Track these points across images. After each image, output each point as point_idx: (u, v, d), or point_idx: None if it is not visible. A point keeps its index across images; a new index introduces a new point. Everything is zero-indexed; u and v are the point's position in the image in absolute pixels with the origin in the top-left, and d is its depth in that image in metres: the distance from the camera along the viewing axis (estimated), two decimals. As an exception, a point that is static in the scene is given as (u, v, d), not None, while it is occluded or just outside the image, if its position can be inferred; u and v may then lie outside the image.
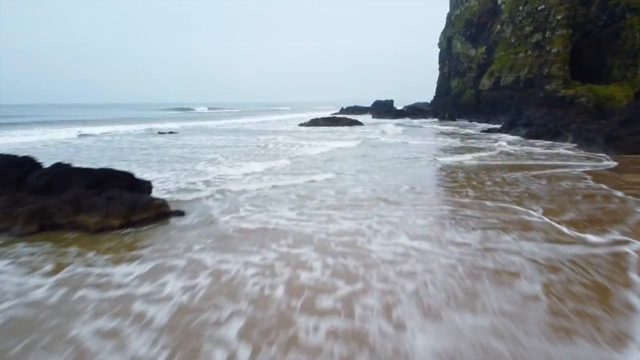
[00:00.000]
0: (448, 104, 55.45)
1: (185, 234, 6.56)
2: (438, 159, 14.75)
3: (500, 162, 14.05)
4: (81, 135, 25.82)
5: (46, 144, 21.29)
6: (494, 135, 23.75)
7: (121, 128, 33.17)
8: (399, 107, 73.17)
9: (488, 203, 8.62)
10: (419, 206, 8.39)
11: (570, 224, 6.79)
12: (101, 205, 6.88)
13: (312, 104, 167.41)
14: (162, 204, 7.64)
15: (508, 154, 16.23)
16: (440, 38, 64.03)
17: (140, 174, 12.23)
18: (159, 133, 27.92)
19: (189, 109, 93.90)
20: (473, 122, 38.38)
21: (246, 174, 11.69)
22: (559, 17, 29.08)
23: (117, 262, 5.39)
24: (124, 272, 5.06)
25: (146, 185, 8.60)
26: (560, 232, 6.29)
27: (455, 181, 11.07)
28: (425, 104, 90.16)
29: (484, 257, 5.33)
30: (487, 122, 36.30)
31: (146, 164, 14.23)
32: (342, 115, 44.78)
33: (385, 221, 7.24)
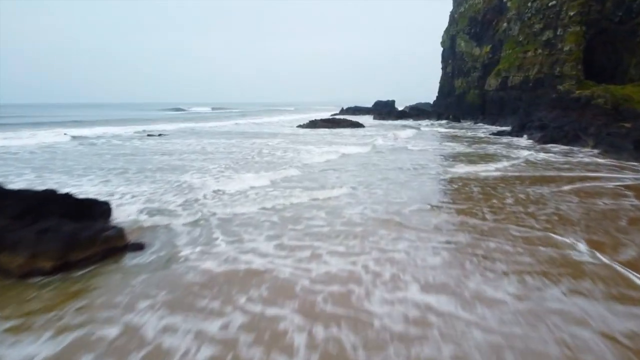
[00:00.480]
0: (451, 104, 53.91)
1: (132, 281, 5.03)
2: (448, 169, 13.18)
3: (517, 173, 12.47)
4: (73, 138, 24.34)
5: (24, 148, 19.78)
6: (504, 139, 22.18)
7: (112, 130, 31.74)
8: (400, 108, 71.65)
9: (513, 230, 7.10)
10: (428, 234, 6.87)
11: (634, 266, 5.25)
12: (29, 241, 5.36)
13: (313, 104, 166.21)
14: (116, 235, 6.10)
15: (526, 161, 14.66)
16: (443, 37, 62.46)
17: (113, 187, 10.72)
18: (148, 135, 26.46)
19: (181, 110, 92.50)
20: (479, 124, 36.83)
21: (229, 191, 10.12)
22: (572, 14, 27.49)
23: (21, 332, 3.87)
24: (23, 355, 3.54)
25: (103, 209, 7.07)
26: (630, 283, 4.74)
27: (470, 198, 9.52)
28: (427, 104, 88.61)
29: (536, 330, 3.79)
30: (493, 123, 34.75)
31: (124, 175, 12.71)
32: (342, 117, 43.25)
33: (386, 259, 5.74)
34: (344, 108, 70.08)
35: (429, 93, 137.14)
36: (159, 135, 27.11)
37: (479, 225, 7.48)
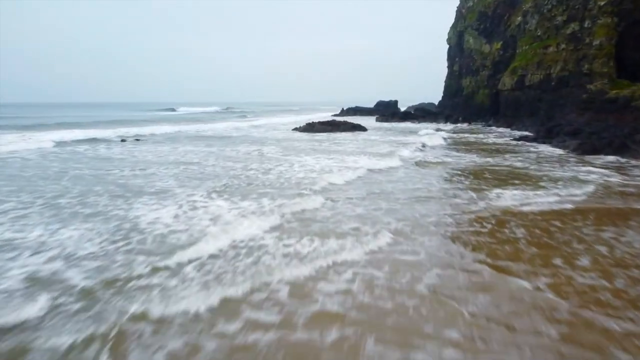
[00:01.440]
0: (459, 105, 50.88)
1: None
2: (480, 197, 10.00)
3: (572, 204, 9.27)
4: (58, 144, 21.44)
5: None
6: (531, 147, 19.01)
7: (91, 133, 28.86)
8: (402, 108, 68.56)
9: (611, 334, 4.13)
10: (459, 351, 3.84)
11: None
12: None
13: (318, 104, 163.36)
14: None
15: (576, 182, 11.50)
16: (449, 33, 59.35)
17: (23, 231, 7.30)
18: (122, 141, 23.46)
19: (174, 110, 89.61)
20: (492, 127, 33.62)
21: (182, 245, 7.06)
22: (602, 3, 24.31)
23: None
24: None
25: None
26: None
27: (516, 253, 6.39)
28: (430, 104, 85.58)
29: None
30: (509, 126, 31.61)
31: (57, 201, 9.67)
32: (342, 119, 40.18)
33: None
34: (344, 109, 67.04)
35: (429, 93, 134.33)
36: (136, 139, 24.14)
37: (542, 319, 4.45)
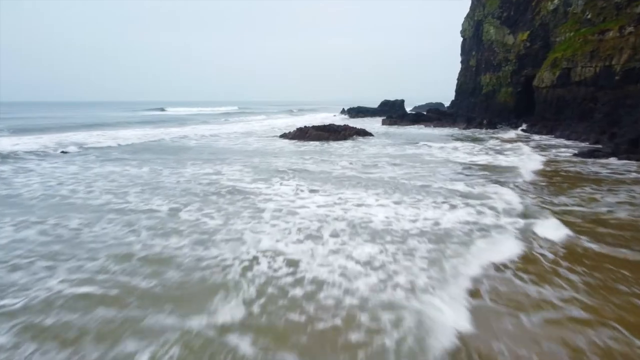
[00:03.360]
0: (476, 105, 44.62)
1: None
2: None
3: None
4: None
5: None
6: (621, 173, 12.63)
7: (26, 141, 22.98)
8: (408, 109, 62.41)
9: None
10: None
11: None
12: None
13: (328, 103, 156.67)
14: None
15: None
16: (463, 24, 53.02)
17: None
18: (40, 156, 17.38)
19: (163, 110, 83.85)
20: (526, 133, 27.24)
21: None
22: (692, -31, 18.01)
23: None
24: None
25: None
26: None
27: None
28: (439, 104, 79.20)
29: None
30: (548, 133, 25.21)
31: None
32: (343, 122, 33.95)
33: None
34: (345, 109, 60.85)
35: (434, 92, 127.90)
36: (63, 152, 18.04)
37: None
